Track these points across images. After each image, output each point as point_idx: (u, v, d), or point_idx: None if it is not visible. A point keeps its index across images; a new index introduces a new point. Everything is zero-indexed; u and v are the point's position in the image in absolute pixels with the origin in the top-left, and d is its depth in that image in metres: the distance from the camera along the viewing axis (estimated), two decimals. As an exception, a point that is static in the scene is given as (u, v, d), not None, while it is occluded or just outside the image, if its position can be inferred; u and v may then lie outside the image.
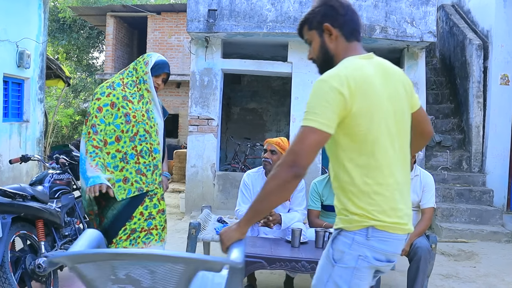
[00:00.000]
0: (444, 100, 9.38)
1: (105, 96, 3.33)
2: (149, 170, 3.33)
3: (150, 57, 3.55)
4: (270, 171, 4.12)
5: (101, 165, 3.19)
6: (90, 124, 3.28)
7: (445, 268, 5.30)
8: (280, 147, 4.09)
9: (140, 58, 3.58)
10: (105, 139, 3.24)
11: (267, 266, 3.29)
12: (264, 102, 12.55)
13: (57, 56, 21.06)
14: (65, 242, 4.02)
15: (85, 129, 3.32)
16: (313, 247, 3.65)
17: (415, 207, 4.06)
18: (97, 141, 3.23)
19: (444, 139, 8.49)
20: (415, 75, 7.87)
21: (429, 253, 3.80)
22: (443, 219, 7.10)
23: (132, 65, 3.58)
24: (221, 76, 8.05)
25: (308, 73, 7.83)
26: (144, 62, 3.52)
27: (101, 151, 3.23)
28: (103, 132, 3.25)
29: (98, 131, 3.24)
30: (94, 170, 3.15)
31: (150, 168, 3.34)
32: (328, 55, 1.97)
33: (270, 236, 4.05)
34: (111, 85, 3.40)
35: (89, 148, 3.21)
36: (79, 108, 22.10)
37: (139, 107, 3.40)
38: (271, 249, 3.52)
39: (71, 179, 4.71)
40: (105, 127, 3.26)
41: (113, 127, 3.27)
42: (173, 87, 17.17)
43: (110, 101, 3.31)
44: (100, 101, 3.31)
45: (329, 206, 4.24)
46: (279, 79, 11.72)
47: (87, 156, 3.20)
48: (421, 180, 4.04)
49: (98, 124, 3.25)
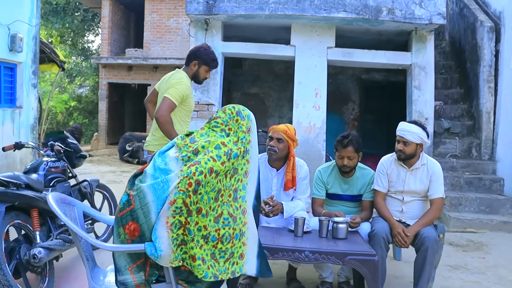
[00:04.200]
0: (454, 85, 9.35)
1: (220, 163, 2.81)
2: (223, 257, 2.84)
3: (250, 120, 3.05)
4: (276, 159, 4.15)
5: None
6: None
7: (453, 259, 5.32)
8: (287, 135, 4.07)
9: (238, 117, 3.01)
10: (199, 206, 2.73)
11: (269, 256, 3.30)
12: (266, 87, 12.52)
13: (50, 39, 21.00)
14: (60, 232, 4.03)
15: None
16: (316, 236, 3.66)
17: (422, 196, 4.07)
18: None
19: (453, 125, 8.47)
20: (423, 59, 7.84)
21: (436, 243, 3.81)
22: (452, 208, 7.12)
23: (232, 126, 3.00)
24: (222, 60, 8.01)
25: (312, 56, 7.80)
26: (247, 129, 3.01)
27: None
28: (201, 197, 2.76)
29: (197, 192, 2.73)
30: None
31: (225, 255, 2.85)
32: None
33: (272, 225, 4.06)
34: (228, 153, 2.86)
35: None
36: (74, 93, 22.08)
37: (229, 184, 2.90)
38: (273, 238, 3.53)
39: (67, 167, 4.73)
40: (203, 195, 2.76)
41: (206, 199, 2.76)
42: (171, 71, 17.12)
43: (219, 170, 2.80)
44: (216, 164, 2.77)
45: (334, 195, 4.25)
46: (281, 63, 11.67)
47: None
48: (428, 169, 4.04)
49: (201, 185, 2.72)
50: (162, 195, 2.68)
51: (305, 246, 3.38)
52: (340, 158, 4.12)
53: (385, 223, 3.94)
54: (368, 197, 4.18)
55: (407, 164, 4.04)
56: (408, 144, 3.95)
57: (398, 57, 8.04)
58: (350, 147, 4.05)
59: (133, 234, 2.71)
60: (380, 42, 8.81)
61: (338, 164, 4.16)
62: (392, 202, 4.11)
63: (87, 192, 4.98)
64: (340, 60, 8.14)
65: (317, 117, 7.87)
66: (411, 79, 7.91)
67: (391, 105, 11.39)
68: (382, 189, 4.10)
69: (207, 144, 2.85)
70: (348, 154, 4.06)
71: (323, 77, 7.85)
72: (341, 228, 3.64)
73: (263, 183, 4.18)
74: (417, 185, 4.03)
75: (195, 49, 4.52)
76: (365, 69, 11.53)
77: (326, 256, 3.31)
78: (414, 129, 3.95)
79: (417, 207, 4.07)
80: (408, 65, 7.97)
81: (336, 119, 11.69)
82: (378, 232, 3.80)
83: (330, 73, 8.20)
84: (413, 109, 7.85)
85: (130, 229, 2.71)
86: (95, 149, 17.06)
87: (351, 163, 4.09)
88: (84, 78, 22.63)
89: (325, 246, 3.44)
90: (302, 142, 7.42)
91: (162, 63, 16.53)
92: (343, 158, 4.09)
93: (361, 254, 3.31)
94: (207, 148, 2.84)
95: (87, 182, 5.03)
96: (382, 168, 4.14)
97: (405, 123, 4.08)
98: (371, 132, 12.05)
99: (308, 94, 7.85)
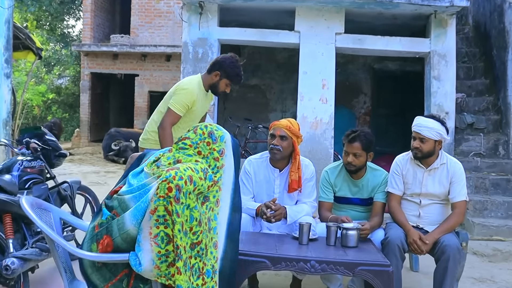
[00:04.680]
0: (478, 74, 9.34)
1: (198, 177, 2.83)
2: None
3: (224, 141, 3.07)
4: (280, 159, 4.15)
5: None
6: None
7: (477, 270, 5.31)
8: (291, 131, 4.07)
9: (209, 139, 3.02)
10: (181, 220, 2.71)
11: (271, 267, 3.30)
12: (268, 78, 12.51)
13: (25, 24, 20.96)
14: (37, 240, 4.02)
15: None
16: (324, 244, 3.65)
17: (442, 200, 4.06)
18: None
19: (477, 120, 8.47)
20: (443, 46, 7.83)
21: (459, 253, 3.78)
22: (476, 214, 7.11)
23: (202, 149, 3.02)
24: (218, 47, 8.01)
25: (319, 43, 7.79)
26: (219, 152, 3.03)
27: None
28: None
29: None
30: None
31: None
32: None
33: (274, 231, 4.07)
34: (205, 171, 2.91)
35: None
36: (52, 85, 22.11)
37: (202, 211, 2.88)
38: (276, 246, 3.53)
39: (44, 167, 4.72)
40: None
41: (187, 214, 2.74)
42: (162, 60, 17.13)
43: (197, 184, 2.82)
44: (194, 175, 2.79)
45: (342, 198, 4.25)
46: (284, 51, 11.66)
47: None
48: (448, 169, 4.03)
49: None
50: (141, 205, 2.68)
51: (311, 255, 3.37)
52: (345, 154, 4.13)
53: (400, 229, 3.93)
54: (380, 198, 4.17)
55: (425, 164, 4.04)
56: (425, 141, 3.94)
57: (415, 44, 8.03)
58: (357, 142, 4.05)
59: (105, 249, 2.72)
60: (394, 27, 8.80)
61: (343, 162, 4.18)
62: (408, 206, 4.11)
63: (67, 195, 4.97)
64: (350, 48, 8.12)
65: (324, 111, 7.86)
66: (430, 68, 7.90)
67: (407, 98, 11.38)
68: (397, 191, 4.09)
69: (179, 163, 2.88)
70: (354, 150, 4.06)
71: (331, 66, 7.83)
72: (351, 235, 3.63)
73: (264, 184, 4.19)
74: (435, 187, 4.03)
75: (221, 58, 4.58)
76: (378, 57, 11.51)
77: (334, 266, 3.30)
78: (431, 124, 3.94)
79: (436, 211, 4.07)
80: (426, 53, 7.96)
81: (346, 114, 11.68)
82: (392, 240, 3.79)
83: (338, 62, 8.20)
84: (431, 102, 7.85)
85: (104, 244, 2.72)
86: (76, 146, 17.08)
87: (357, 162, 4.09)
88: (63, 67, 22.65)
89: (333, 255, 3.43)
90: (307, 140, 7.42)
91: (152, 51, 16.54)
92: (348, 155, 4.10)
93: (374, 264, 3.31)
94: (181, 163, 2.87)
95: (67, 184, 5.02)
96: (397, 168, 4.14)
97: (421, 117, 4.07)
98: (385, 128, 12.04)
99: (314, 85, 7.84)
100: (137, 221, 2.66)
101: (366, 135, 4.10)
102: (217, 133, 3.05)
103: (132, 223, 2.66)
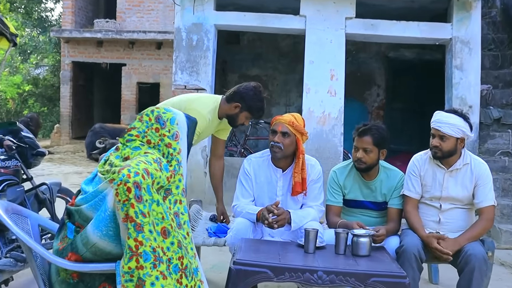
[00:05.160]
0: (506, 63, 9.34)
1: (154, 169, 2.86)
2: None
3: (176, 123, 3.07)
4: (281, 158, 4.16)
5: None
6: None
7: (505, 283, 5.31)
8: (294, 127, 4.06)
9: (157, 125, 3.03)
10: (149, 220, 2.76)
11: (273, 278, 3.30)
12: (270, 68, 12.51)
13: (-2, 7, 21.00)
14: (11, 249, 4.03)
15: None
16: (332, 253, 3.65)
17: (465, 204, 4.05)
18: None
19: (504, 114, 8.47)
20: (466, 32, 7.83)
21: (485, 263, 3.75)
22: (503, 219, 7.11)
23: (151, 137, 3.02)
24: (214, 34, 8.02)
25: (327, 29, 7.79)
26: (172, 136, 3.05)
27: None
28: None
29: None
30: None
31: None
32: None
33: (277, 238, 4.07)
34: (158, 161, 2.92)
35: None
36: (29, 75, 22.11)
37: (166, 207, 2.88)
38: (279, 255, 3.53)
39: (20, 167, 4.73)
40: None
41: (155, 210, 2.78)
42: (152, 48, 17.15)
43: (155, 176, 2.85)
44: (149, 167, 2.80)
45: (353, 201, 4.25)
46: (288, 38, 11.67)
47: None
48: (473, 170, 4.01)
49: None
50: (101, 215, 2.69)
51: (318, 265, 3.37)
52: (355, 150, 4.12)
53: (416, 236, 3.92)
54: (395, 204, 4.16)
55: (445, 164, 4.03)
56: (445, 138, 3.92)
57: (435, 29, 8.03)
58: (368, 136, 4.04)
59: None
60: (412, 11, 8.81)
61: (353, 158, 4.17)
62: (427, 211, 4.10)
63: (46, 198, 4.98)
64: (362, 34, 8.13)
65: (332, 105, 7.87)
66: (451, 57, 7.91)
67: (426, 90, 11.39)
68: (414, 194, 4.09)
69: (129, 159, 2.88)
70: (364, 145, 4.05)
71: (340, 55, 7.84)
72: (362, 243, 3.63)
73: (265, 186, 4.20)
74: (458, 190, 4.02)
75: (244, 89, 4.45)
76: (393, 45, 11.51)
77: (344, 277, 3.30)
78: (453, 120, 3.92)
79: (459, 217, 4.06)
80: (448, 40, 7.97)
81: (357, 108, 11.69)
82: (408, 248, 3.79)
83: (349, 50, 8.22)
84: (453, 94, 7.85)
85: (71, 260, 2.74)
86: (56, 144, 17.11)
87: (367, 158, 4.07)
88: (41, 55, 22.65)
89: (343, 265, 3.43)
90: (314, 136, 7.43)
91: (140, 37, 16.55)
92: (357, 150, 4.09)
93: (388, 275, 3.30)
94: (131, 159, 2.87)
95: (46, 186, 5.03)
96: (414, 168, 4.13)
97: (442, 112, 4.04)
98: (400, 123, 12.06)
99: (321, 76, 7.85)
100: (102, 232, 2.66)
101: (378, 129, 4.08)
102: (166, 116, 3.03)
103: (97, 235, 2.67)
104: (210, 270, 5.07)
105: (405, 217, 4.13)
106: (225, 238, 4.18)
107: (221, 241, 4.25)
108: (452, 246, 3.81)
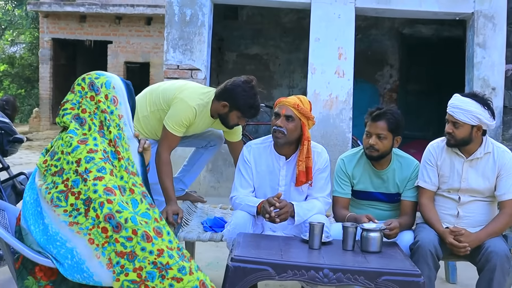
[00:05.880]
0: (533, 41, 9.34)
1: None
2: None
3: (111, 87, 3.12)
4: (284, 144, 4.16)
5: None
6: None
7: (528, 281, 5.34)
8: (300, 110, 4.04)
9: (92, 92, 3.10)
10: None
11: (275, 276, 3.31)
12: (271, 46, 12.51)
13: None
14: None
15: None
16: (340, 249, 3.67)
17: (486, 196, 4.05)
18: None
19: (530, 98, 8.49)
20: (490, 5, 7.81)
21: (508, 261, 3.75)
22: (527, 213, 7.13)
23: (86, 106, 3.09)
24: (210, 7, 8.00)
25: (334, 3, 7.76)
26: (111, 101, 3.09)
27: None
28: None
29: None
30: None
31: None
32: None
33: (279, 233, 4.08)
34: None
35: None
36: (4, 53, 22.05)
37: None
38: (281, 251, 3.54)
39: (-5, 155, 4.75)
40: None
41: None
42: (140, 23, 17.11)
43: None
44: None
45: (362, 193, 4.25)
46: (292, 13, 11.66)
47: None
48: (495, 159, 4.00)
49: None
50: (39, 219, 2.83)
51: (324, 262, 3.39)
52: (366, 136, 4.11)
53: (433, 231, 3.93)
54: (410, 197, 4.17)
55: (465, 152, 4.01)
56: (458, 125, 3.89)
57: (455, 3, 8.01)
58: (382, 121, 4.02)
59: (51, 274, 2.78)
60: (429, -17, 8.79)
61: (364, 145, 4.16)
62: (445, 204, 4.10)
63: (24, 189, 5.00)
64: (373, 8, 8.11)
65: (341, 86, 7.87)
66: (473, 33, 7.90)
67: (444, 70, 11.40)
68: (429, 186, 4.09)
69: (70, 158, 2.89)
70: (378, 131, 4.03)
71: (349, 32, 7.82)
72: (373, 238, 3.64)
73: (266, 176, 4.20)
74: (478, 181, 4.01)
75: (231, 85, 4.38)
76: (408, 20, 11.51)
77: (352, 275, 3.31)
78: (468, 106, 3.87)
79: (479, 210, 4.05)
80: (469, 14, 7.96)
81: (367, 90, 11.71)
82: (423, 244, 3.79)
83: (359, 27, 8.20)
84: (474, 75, 7.85)
85: (43, 268, 2.78)
86: (35, 130, 17.12)
87: (381, 146, 4.06)
88: (17, 31, 22.59)
89: (351, 262, 3.44)
90: (320, 121, 7.44)
91: (128, 12, 16.49)
92: (370, 136, 4.07)
93: (401, 273, 3.31)
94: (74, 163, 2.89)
95: (24, 176, 5.04)
96: (430, 157, 4.12)
97: (458, 96, 4.00)
98: (415, 107, 12.07)
99: (328, 55, 7.85)
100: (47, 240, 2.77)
101: (394, 114, 4.06)
102: (99, 81, 3.06)
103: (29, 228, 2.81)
104: (206, 267, 5.08)
105: (420, 210, 4.13)
106: (222, 233, 4.17)
107: (217, 236, 4.25)
108: (472, 241, 3.80)
